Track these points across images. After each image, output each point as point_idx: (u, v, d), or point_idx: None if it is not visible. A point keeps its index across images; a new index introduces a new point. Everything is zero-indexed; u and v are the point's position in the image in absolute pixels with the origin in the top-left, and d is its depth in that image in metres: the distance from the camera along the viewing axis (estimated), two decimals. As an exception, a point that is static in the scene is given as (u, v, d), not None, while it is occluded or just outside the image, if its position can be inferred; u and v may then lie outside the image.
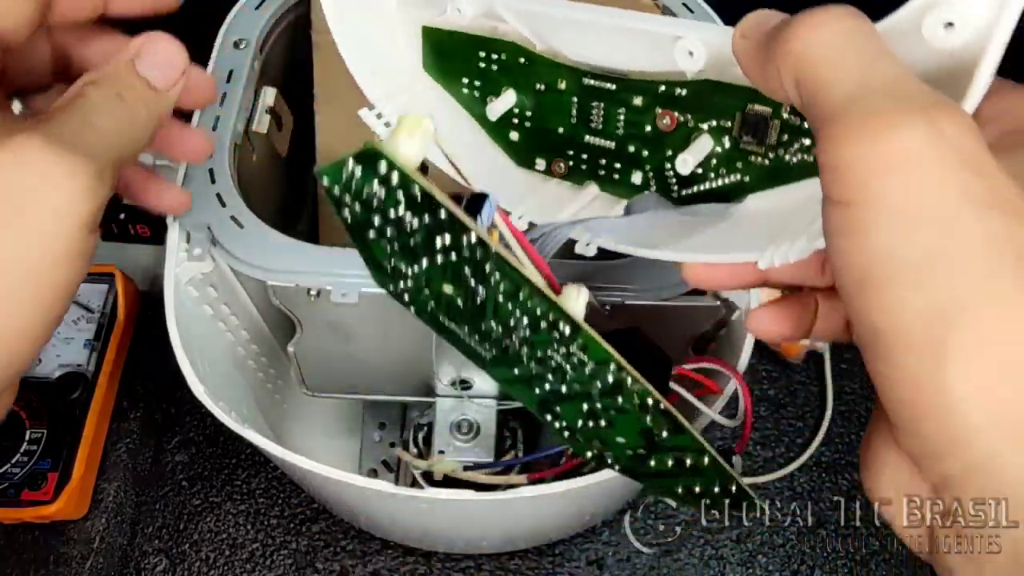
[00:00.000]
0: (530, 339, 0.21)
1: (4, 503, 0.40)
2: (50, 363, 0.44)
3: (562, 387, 0.22)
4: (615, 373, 0.21)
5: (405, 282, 0.22)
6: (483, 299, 0.21)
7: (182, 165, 0.34)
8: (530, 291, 0.20)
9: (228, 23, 0.38)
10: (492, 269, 0.20)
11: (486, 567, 0.46)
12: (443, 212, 0.19)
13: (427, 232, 0.20)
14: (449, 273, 0.21)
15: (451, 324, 0.23)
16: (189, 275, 0.32)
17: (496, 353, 0.23)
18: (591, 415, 0.23)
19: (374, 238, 0.21)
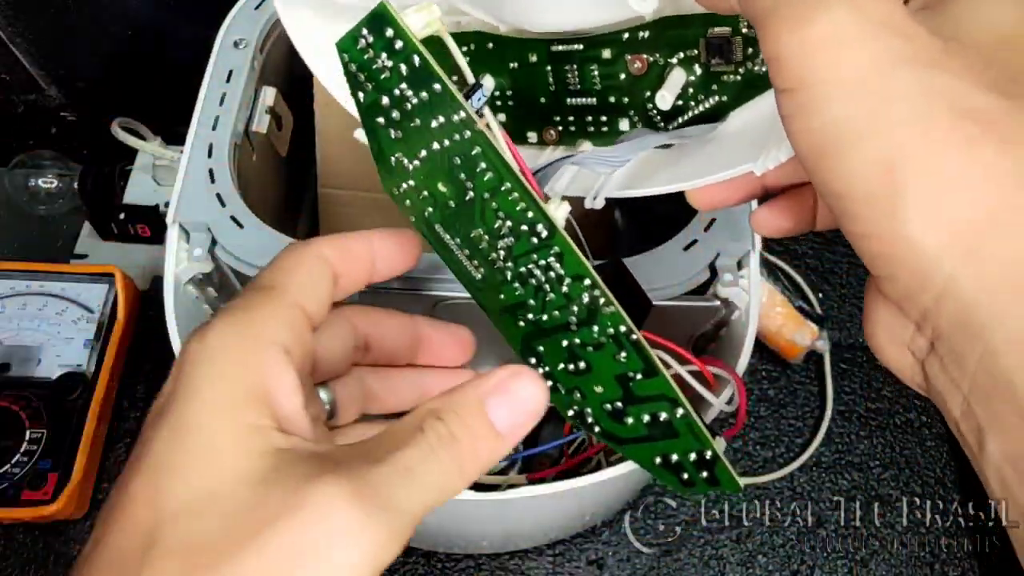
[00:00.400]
0: (513, 250, 0.23)
1: (4, 503, 0.40)
2: (50, 363, 0.44)
3: (543, 316, 0.23)
4: (589, 291, 0.22)
5: (408, 181, 0.23)
6: (472, 197, 0.22)
7: (181, 166, 0.34)
8: (512, 182, 0.21)
9: (228, 23, 0.38)
10: (478, 155, 0.21)
11: (486, 567, 0.46)
12: (438, 85, 0.21)
13: (424, 111, 0.22)
14: (444, 164, 0.22)
15: (446, 236, 0.24)
16: (189, 275, 0.33)
17: (485, 272, 0.24)
18: (571, 356, 0.23)
19: (382, 124, 0.23)
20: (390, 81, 0.22)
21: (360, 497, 0.17)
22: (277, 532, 0.16)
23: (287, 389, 0.19)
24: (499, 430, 0.19)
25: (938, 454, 0.51)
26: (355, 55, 0.22)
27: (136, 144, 0.53)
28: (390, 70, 0.22)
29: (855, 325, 0.56)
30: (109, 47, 0.56)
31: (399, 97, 0.22)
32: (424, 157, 0.23)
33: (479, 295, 0.24)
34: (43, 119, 0.61)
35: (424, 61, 0.21)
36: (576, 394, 0.24)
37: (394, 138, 0.23)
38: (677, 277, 0.32)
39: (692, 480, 0.23)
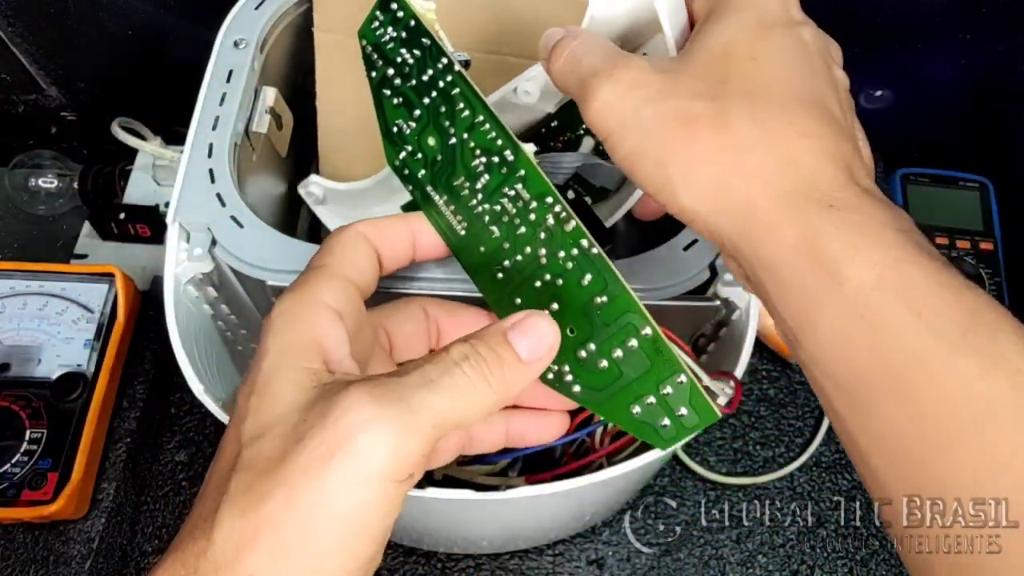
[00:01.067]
0: (487, 186, 0.27)
1: (4, 503, 0.40)
2: (50, 363, 0.44)
3: (517, 256, 0.26)
4: (551, 210, 0.26)
5: (406, 147, 0.28)
6: (454, 142, 0.27)
7: (181, 166, 0.34)
8: (484, 114, 0.27)
9: (228, 23, 0.38)
10: (457, 95, 0.27)
11: (486, 567, 0.46)
12: (427, 39, 0.27)
13: (418, 68, 0.28)
14: (433, 115, 0.28)
15: (435, 194, 0.28)
16: (189, 275, 0.33)
17: (467, 223, 0.27)
18: (544, 298, 0.26)
19: (388, 95, 0.29)
20: (394, 50, 0.28)
21: (377, 396, 0.20)
22: (314, 434, 0.20)
23: (335, 339, 0.23)
24: (523, 357, 0.23)
25: (938, 454, 0.51)
26: (370, 36, 0.29)
27: (136, 144, 0.53)
28: (394, 39, 0.28)
29: (855, 325, 0.55)
30: (109, 47, 0.56)
31: (400, 63, 0.28)
32: (418, 116, 0.28)
33: (462, 256, 0.28)
34: (43, 119, 0.61)
35: (417, 22, 0.28)
36: None
37: (396, 104, 0.29)
38: (677, 277, 0.32)
39: (672, 426, 0.24)
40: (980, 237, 0.60)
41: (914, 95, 0.61)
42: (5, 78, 0.57)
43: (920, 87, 0.60)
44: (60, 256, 0.55)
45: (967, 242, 0.60)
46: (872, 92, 0.61)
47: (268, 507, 0.20)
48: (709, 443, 0.50)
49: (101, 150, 0.59)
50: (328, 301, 0.24)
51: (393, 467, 0.20)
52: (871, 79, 0.60)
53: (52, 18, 0.53)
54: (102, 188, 0.57)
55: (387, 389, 0.21)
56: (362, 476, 0.20)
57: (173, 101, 0.40)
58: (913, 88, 0.60)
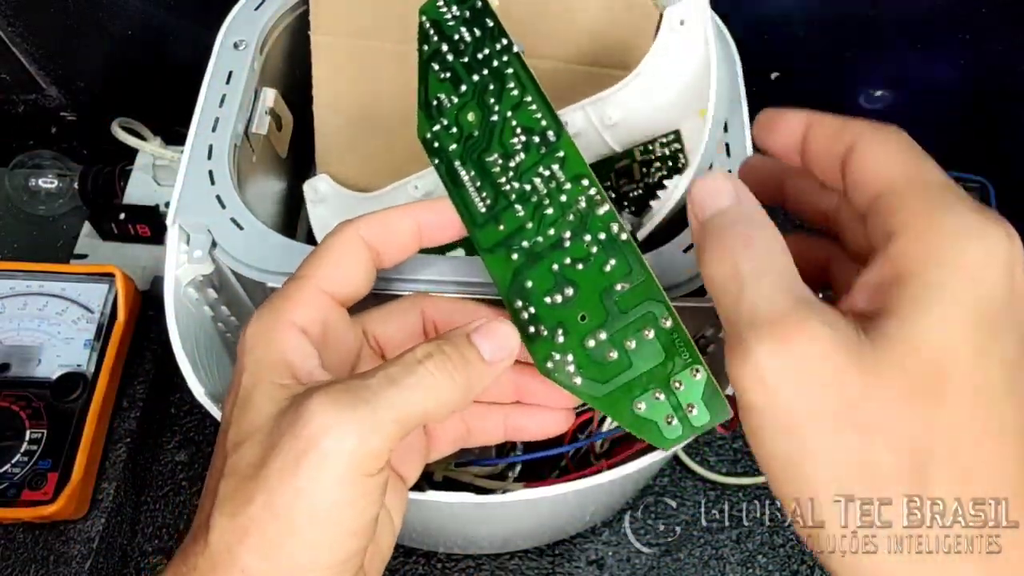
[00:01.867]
0: (521, 165, 0.27)
1: (4, 503, 0.40)
2: (50, 363, 0.44)
3: (538, 237, 0.26)
4: (586, 192, 0.26)
5: (442, 120, 0.29)
6: (495, 120, 0.28)
7: (181, 167, 0.34)
8: (534, 95, 0.28)
9: (227, 24, 0.38)
10: (510, 75, 0.28)
11: (486, 567, 0.46)
12: (490, 20, 0.29)
13: (474, 47, 0.29)
14: (479, 92, 0.28)
15: (463, 171, 0.28)
16: (189, 277, 0.32)
17: (491, 200, 0.27)
18: (559, 283, 0.26)
19: (436, 68, 0.29)
20: (454, 27, 0.30)
21: (336, 399, 0.21)
22: (285, 440, 0.21)
23: (301, 355, 0.24)
24: (486, 358, 0.24)
25: (938, 454, 0.51)
26: (432, 12, 0.30)
27: (136, 144, 0.53)
28: (456, 18, 0.30)
29: (855, 325, 0.56)
30: (109, 47, 0.56)
31: (456, 39, 0.29)
32: (463, 91, 0.29)
33: (478, 233, 0.27)
34: (43, 119, 0.61)
35: (484, 4, 0.29)
36: (559, 335, 0.25)
37: (441, 79, 0.29)
38: (677, 278, 0.32)
39: (679, 425, 0.23)
40: (980, 237, 0.60)
41: (914, 95, 0.61)
42: (5, 78, 0.57)
43: (920, 87, 0.60)
44: (60, 256, 0.55)
45: (967, 242, 0.60)
46: (872, 92, 0.61)
47: (252, 509, 0.21)
48: (709, 443, 0.50)
49: (101, 150, 0.59)
50: (296, 320, 0.24)
51: (358, 464, 0.21)
52: (871, 79, 0.60)
53: (52, 18, 0.53)
54: (102, 188, 0.57)
55: (348, 391, 0.22)
56: (330, 475, 0.21)
57: (173, 101, 0.40)
58: (913, 88, 0.60)
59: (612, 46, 0.38)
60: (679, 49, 0.34)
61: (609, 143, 0.37)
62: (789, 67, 0.59)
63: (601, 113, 0.36)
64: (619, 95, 0.36)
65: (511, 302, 0.26)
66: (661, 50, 0.35)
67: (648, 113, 0.36)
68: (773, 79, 0.60)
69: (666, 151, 0.36)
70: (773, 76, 0.60)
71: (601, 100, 0.36)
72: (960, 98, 0.60)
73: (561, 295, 0.25)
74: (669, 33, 0.35)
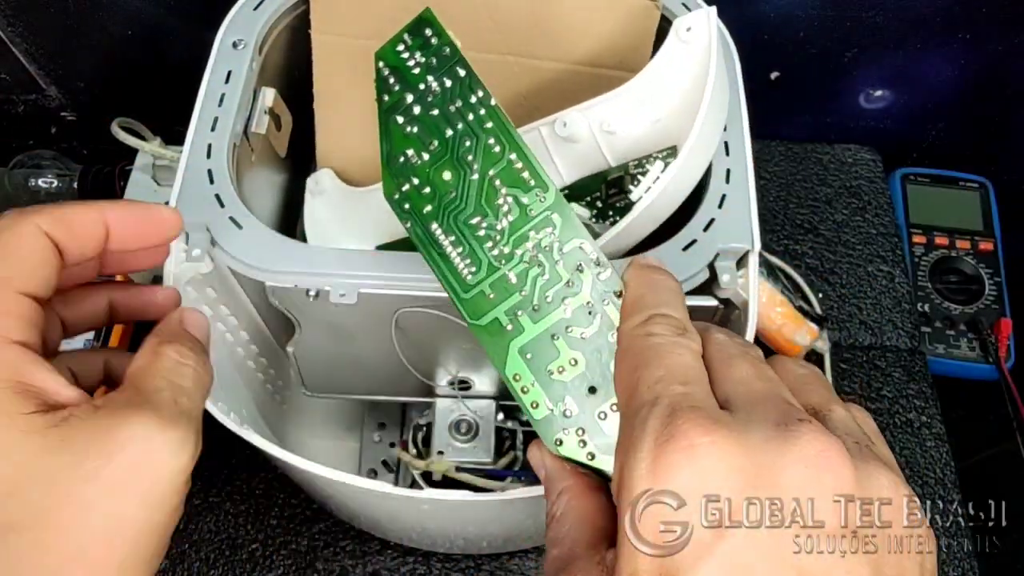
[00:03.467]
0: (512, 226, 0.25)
1: (4, 503, 0.40)
2: (50, 363, 0.44)
3: (533, 306, 0.24)
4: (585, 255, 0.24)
5: (412, 179, 0.26)
6: (476, 179, 0.25)
7: (180, 167, 0.34)
8: (517, 152, 0.25)
9: (226, 23, 0.38)
10: (490, 129, 0.25)
11: (486, 567, 0.46)
12: (463, 71, 0.26)
13: (445, 98, 0.26)
14: (453, 149, 0.26)
15: (442, 234, 0.25)
16: (188, 276, 0.32)
17: (476, 268, 0.25)
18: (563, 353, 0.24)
19: (401, 122, 0.26)
20: (418, 76, 0.26)
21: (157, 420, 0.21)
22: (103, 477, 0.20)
23: (42, 376, 0.21)
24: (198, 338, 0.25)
25: (938, 454, 0.51)
26: (392, 58, 0.27)
27: (136, 144, 0.53)
28: (421, 66, 0.26)
29: (855, 325, 0.56)
30: (109, 47, 0.56)
31: (423, 90, 0.26)
32: (435, 148, 0.26)
33: (465, 305, 0.25)
34: (43, 119, 0.61)
35: (454, 48, 0.26)
36: (565, 406, 0.23)
37: (407, 134, 0.26)
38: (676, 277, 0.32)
39: None
40: (980, 237, 0.60)
41: (914, 95, 0.61)
42: (5, 78, 0.57)
43: (920, 87, 0.60)
44: (60, 256, 0.55)
45: (967, 242, 0.60)
46: (872, 92, 0.61)
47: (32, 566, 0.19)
48: (709, 443, 0.50)
49: (101, 150, 0.59)
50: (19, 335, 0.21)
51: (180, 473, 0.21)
52: (871, 79, 0.60)
53: (52, 18, 0.53)
54: (102, 188, 0.57)
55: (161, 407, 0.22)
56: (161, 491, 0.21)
57: (173, 101, 0.40)
58: (913, 88, 0.60)
59: (614, 47, 0.38)
60: (683, 58, 0.34)
61: (605, 155, 0.37)
62: (789, 67, 0.59)
63: (601, 119, 0.36)
64: (619, 101, 0.36)
65: (511, 379, 0.24)
66: (666, 58, 0.35)
67: (647, 125, 0.36)
68: (773, 79, 0.60)
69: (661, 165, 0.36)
70: (773, 76, 0.60)
71: (601, 104, 0.36)
72: (960, 98, 0.60)
73: (567, 367, 0.23)
74: (676, 42, 0.35)
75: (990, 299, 0.58)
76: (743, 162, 0.35)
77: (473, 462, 0.42)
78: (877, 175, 0.63)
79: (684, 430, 0.18)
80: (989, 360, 0.55)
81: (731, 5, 0.39)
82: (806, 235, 0.60)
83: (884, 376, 0.53)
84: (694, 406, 0.19)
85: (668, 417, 0.18)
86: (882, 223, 0.60)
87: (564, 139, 0.37)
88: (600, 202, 0.37)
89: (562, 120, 0.36)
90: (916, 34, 0.55)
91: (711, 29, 0.33)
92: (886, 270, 0.58)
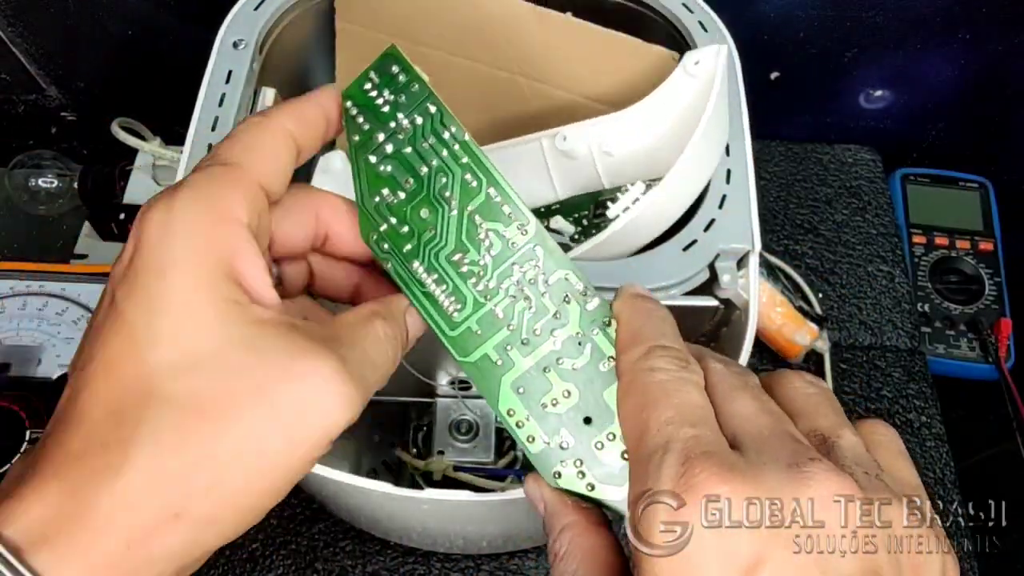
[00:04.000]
0: (495, 260, 0.24)
1: (4, 503, 0.40)
2: (50, 363, 0.44)
3: (522, 339, 0.24)
4: (571, 287, 0.24)
5: (389, 219, 0.25)
6: (456, 213, 0.25)
7: (180, 167, 0.34)
8: (496, 187, 0.25)
9: (227, 23, 0.38)
10: (466, 165, 0.25)
11: (486, 567, 0.46)
12: (433, 107, 0.25)
13: (417, 135, 0.25)
14: (429, 186, 0.25)
15: (424, 272, 0.25)
16: (188, 276, 0.32)
17: (461, 306, 0.25)
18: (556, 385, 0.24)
19: (373, 162, 0.25)
20: (388, 115, 0.25)
21: (344, 372, 0.20)
22: (280, 392, 0.19)
23: (255, 268, 0.20)
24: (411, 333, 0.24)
25: (938, 454, 0.51)
26: (359, 97, 0.26)
27: (136, 144, 0.53)
28: (390, 103, 0.25)
29: (855, 325, 0.56)
30: (109, 47, 0.56)
31: (394, 128, 0.25)
32: (410, 186, 0.25)
33: (454, 343, 0.25)
34: (43, 119, 0.61)
35: (423, 84, 0.25)
36: (561, 438, 0.23)
37: (381, 173, 0.25)
38: (677, 277, 0.32)
39: None
40: (980, 237, 0.60)
41: (914, 95, 0.61)
42: (5, 78, 0.57)
43: (920, 87, 0.60)
44: (60, 256, 0.55)
45: (967, 242, 0.60)
46: (872, 92, 0.61)
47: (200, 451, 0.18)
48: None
49: (101, 150, 0.59)
50: (244, 217, 0.20)
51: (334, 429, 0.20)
52: (871, 79, 0.60)
53: (52, 18, 0.53)
54: (102, 188, 0.57)
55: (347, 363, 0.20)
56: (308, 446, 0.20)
57: (173, 101, 0.40)
58: (913, 88, 0.60)
59: (633, 91, 0.38)
60: (688, 90, 0.34)
61: (601, 176, 0.37)
62: (789, 67, 0.59)
63: (600, 140, 0.36)
64: (620, 124, 0.36)
65: (505, 414, 0.24)
66: (671, 88, 0.35)
67: (644, 151, 0.36)
68: (773, 79, 0.60)
69: None
70: (773, 76, 0.60)
71: (602, 124, 0.36)
72: (960, 98, 0.60)
73: (560, 399, 0.23)
74: (683, 75, 0.35)
75: (990, 299, 0.58)
76: (743, 162, 0.35)
77: (473, 462, 0.42)
78: (877, 175, 0.63)
79: (701, 480, 0.18)
80: (989, 360, 0.55)
81: (731, 5, 0.39)
82: (806, 235, 0.60)
83: (884, 376, 0.53)
84: (707, 451, 0.19)
85: (683, 465, 0.18)
86: (882, 223, 0.60)
87: (563, 153, 0.37)
88: (586, 220, 0.38)
89: (563, 134, 0.36)
90: (916, 34, 0.55)
91: (718, 67, 0.33)
92: (886, 270, 0.58)
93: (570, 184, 0.38)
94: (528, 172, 0.38)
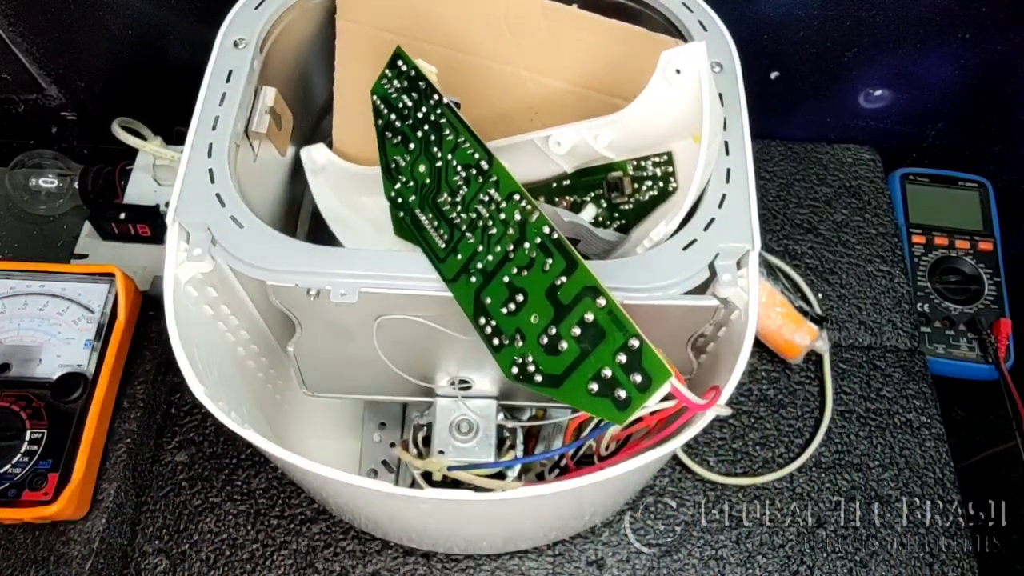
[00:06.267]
0: (465, 197, 0.31)
1: (5, 503, 0.40)
2: (50, 363, 0.44)
3: (488, 256, 0.29)
4: (519, 205, 0.29)
5: (401, 178, 0.33)
6: (441, 164, 0.32)
7: (181, 166, 0.34)
8: (465, 135, 0.31)
9: (228, 23, 0.38)
10: (444, 123, 0.32)
11: (486, 567, 0.46)
12: (423, 83, 0.33)
13: (414, 109, 0.33)
14: (423, 146, 0.33)
15: (422, 216, 0.32)
16: (189, 275, 0.32)
17: (447, 235, 0.31)
18: (511, 293, 0.28)
19: (389, 136, 0.34)
20: (397, 98, 0.34)
21: None
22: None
23: None
24: None
25: (938, 454, 0.51)
26: (380, 91, 0.35)
27: (136, 144, 0.53)
28: (397, 89, 0.34)
29: (855, 325, 0.56)
30: (109, 47, 0.56)
31: (401, 107, 0.34)
32: (412, 148, 0.33)
33: (442, 268, 0.31)
34: (43, 119, 0.61)
35: (417, 72, 0.33)
36: (517, 340, 0.28)
37: (395, 143, 0.34)
38: (676, 277, 0.32)
39: (628, 395, 0.25)
40: (980, 237, 0.60)
41: (914, 95, 0.61)
42: (5, 78, 0.57)
43: (919, 87, 0.60)
44: (60, 256, 0.55)
45: (967, 242, 0.60)
46: (872, 92, 0.61)
47: None
48: (709, 443, 0.50)
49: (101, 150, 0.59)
50: None
51: None
52: (871, 79, 0.60)
53: (52, 18, 0.53)
54: (102, 188, 0.57)
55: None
56: None
57: (173, 101, 0.40)
58: (912, 88, 0.60)
59: (626, 78, 0.38)
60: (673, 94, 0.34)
61: (602, 152, 0.37)
62: (789, 67, 0.59)
63: (596, 134, 0.36)
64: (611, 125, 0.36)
65: (476, 321, 0.29)
66: (654, 95, 0.34)
67: (640, 139, 0.36)
68: (773, 79, 0.60)
69: (657, 171, 0.36)
70: (773, 76, 0.60)
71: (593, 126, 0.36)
72: (960, 98, 0.60)
73: (514, 303, 0.28)
74: (663, 82, 0.33)
75: (989, 299, 0.58)
76: (743, 162, 0.35)
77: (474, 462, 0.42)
78: (877, 175, 0.63)
79: None
80: (988, 360, 0.55)
81: (731, 4, 0.39)
82: (806, 235, 0.60)
83: (884, 376, 0.54)
84: None
85: None
86: (882, 223, 0.60)
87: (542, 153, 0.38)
88: (604, 201, 0.38)
89: (556, 139, 0.37)
90: (916, 34, 0.55)
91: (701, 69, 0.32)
92: (886, 270, 0.58)
93: (573, 160, 0.38)
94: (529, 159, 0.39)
